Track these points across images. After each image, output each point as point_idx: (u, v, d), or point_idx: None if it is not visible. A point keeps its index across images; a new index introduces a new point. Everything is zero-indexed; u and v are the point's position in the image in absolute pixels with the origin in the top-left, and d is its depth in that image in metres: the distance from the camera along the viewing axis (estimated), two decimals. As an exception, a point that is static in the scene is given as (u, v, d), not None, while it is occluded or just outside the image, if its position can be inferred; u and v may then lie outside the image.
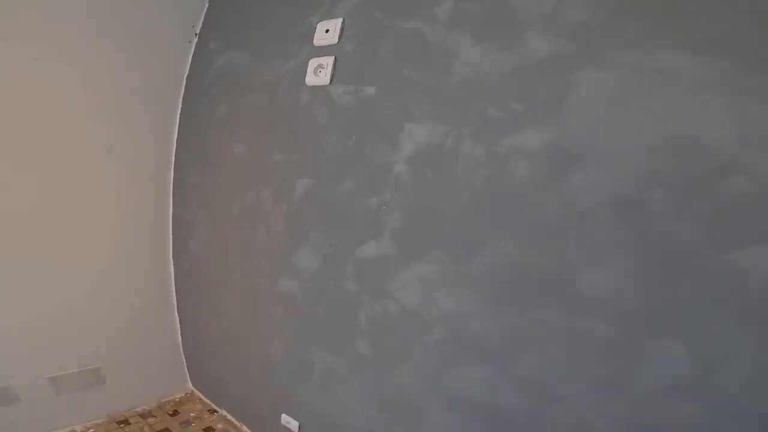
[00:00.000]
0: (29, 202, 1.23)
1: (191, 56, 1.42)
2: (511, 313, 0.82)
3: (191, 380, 1.87)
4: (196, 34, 1.43)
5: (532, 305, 0.79)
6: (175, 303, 1.63)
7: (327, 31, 1.03)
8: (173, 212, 1.46)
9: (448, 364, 0.90)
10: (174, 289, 1.61)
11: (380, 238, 0.90)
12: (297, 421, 1.42)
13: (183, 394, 1.92)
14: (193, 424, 1.77)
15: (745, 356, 0.64)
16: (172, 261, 1.56)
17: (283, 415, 1.47)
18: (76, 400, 1.57)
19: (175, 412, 1.82)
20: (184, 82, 1.41)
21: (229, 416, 1.79)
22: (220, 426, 1.78)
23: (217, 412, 1.85)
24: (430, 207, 0.86)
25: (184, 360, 1.79)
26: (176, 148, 1.41)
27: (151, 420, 1.75)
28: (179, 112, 1.39)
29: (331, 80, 0.99)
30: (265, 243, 1.16)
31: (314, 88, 1.03)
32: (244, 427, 1.72)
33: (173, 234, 1.49)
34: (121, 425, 1.69)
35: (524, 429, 0.85)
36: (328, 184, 1.00)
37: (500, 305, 0.82)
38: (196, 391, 1.91)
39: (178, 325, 1.69)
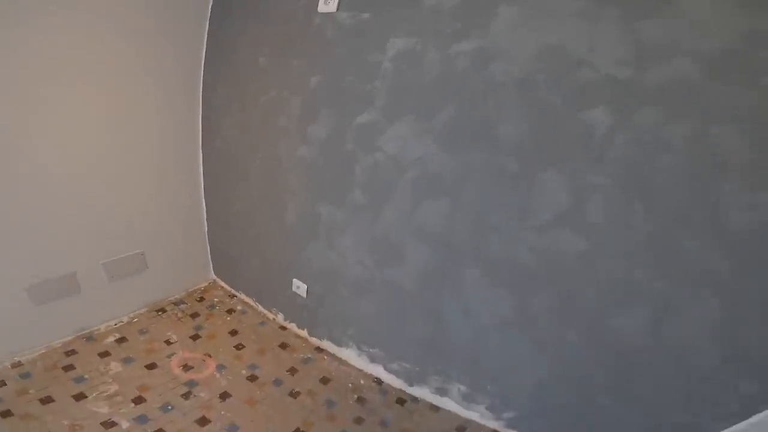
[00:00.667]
0: (83, 112, 1.56)
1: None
2: (457, 154, 1.31)
3: (214, 271, 2.33)
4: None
5: (470, 148, 1.29)
6: (203, 193, 2.06)
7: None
8: (203, 114, 1.87)
9: (418, 199, 1.40)
10: (202, 181, 2.03)
11: (371, 109, 1.38)
12: (305, 284, 1.91)
13: (207, 284, 2.38)
14: (217, 308, 2.24)
15: (599, 189, 1.11)
16: (201, 154, 1.96)
17: (294, 280, 1.95)
18: (123, 290, 1.96)
19: (201, 299, 2.28)
20: (209, 12, 1.77)
21: (246, 298, 2.27)
22: (239, 307, 2.27)
23: (236, 296, 2.33)
24: (406, 88, 1.34)
25: (209, 250, 2.24)
26: (204, 63, 1.80)
27: (182, 306, 2.20)
28: (206, 35, 1.78)
29: (338, 8, 1.43)
30: (285, 125, 1.61)
31: (324, 14, 1.47)
32: (260, 306, 2.20)
33: (202, 131, 1.90)
34: (159, 313, 2.13)
35: (470, 256, 1.36)
36: (335, 79, 1.45)
37: (450, 149, 1.32)
38: (218, 280, 2.37)
39: (205, 215, 2.12)
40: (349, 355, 2.00)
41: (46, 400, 1.61)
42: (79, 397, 1.66)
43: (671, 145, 1.05)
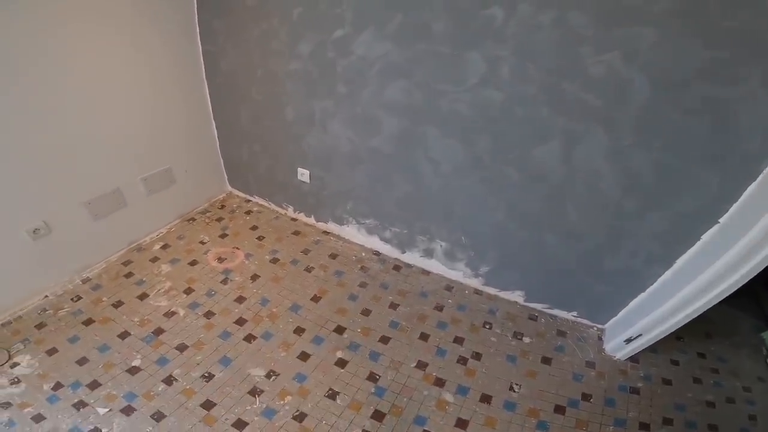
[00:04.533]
0: (107, 64, 2.14)
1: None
2: (408, 48, 1.92)
3: (229, 182, 3.12)
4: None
5: (416, 43, 1.86)
6: (212, 115, 2.81)
7: None
8: (203, 48, 2.55)
9: (384, 83, 2.08)
10: (210, 104, 2.77)
11: (343, 26, 2.03)
12: (308, 170, 2.68)
13: (224, 195, 3.17)
14: (237, 211, 3.03)
15: (503, 58, 1.75)
16: (206, 82, 2.67)
17: (299, 169, 2.70)
18: (158, 203, 2.68)
19: (222, 207, 3.07)
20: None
21: (260, 200, 3.07)
22: (255, 209, 3.06)
23: (251, 200, 3.16)
24: (365, 7, 1.97)
25: (223, 164, 3.02)
26: (197, 9, 2.42)
27: (208, 214, 2.98)
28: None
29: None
30: (277, 48, 2.28)
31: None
32: (272, 204, 3.02)
33: (205, 62, 2.59)
34: (190, 222, 2.92)
35: (427, 117, 2.07)
36: (312, 8, 2.08)
37: (402, 45, 1.91)
38: (234, 190, 3.17)
39: (216, 132, 2.89)
40: (351, 232, 2.80)
41: (118, 304, 2.31)
42: (143, 296, 2.38)
43: (543, 26, 1.67)
